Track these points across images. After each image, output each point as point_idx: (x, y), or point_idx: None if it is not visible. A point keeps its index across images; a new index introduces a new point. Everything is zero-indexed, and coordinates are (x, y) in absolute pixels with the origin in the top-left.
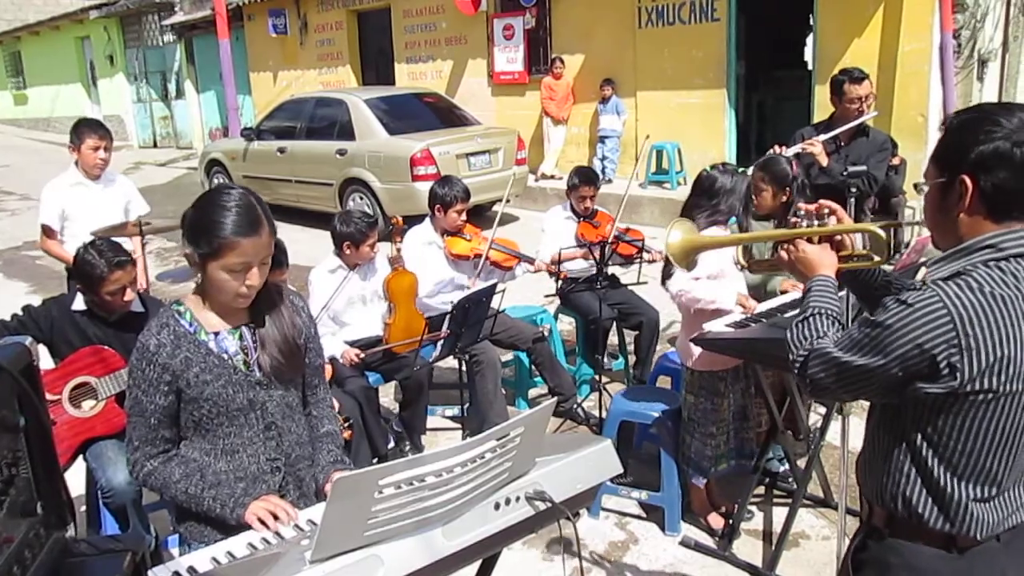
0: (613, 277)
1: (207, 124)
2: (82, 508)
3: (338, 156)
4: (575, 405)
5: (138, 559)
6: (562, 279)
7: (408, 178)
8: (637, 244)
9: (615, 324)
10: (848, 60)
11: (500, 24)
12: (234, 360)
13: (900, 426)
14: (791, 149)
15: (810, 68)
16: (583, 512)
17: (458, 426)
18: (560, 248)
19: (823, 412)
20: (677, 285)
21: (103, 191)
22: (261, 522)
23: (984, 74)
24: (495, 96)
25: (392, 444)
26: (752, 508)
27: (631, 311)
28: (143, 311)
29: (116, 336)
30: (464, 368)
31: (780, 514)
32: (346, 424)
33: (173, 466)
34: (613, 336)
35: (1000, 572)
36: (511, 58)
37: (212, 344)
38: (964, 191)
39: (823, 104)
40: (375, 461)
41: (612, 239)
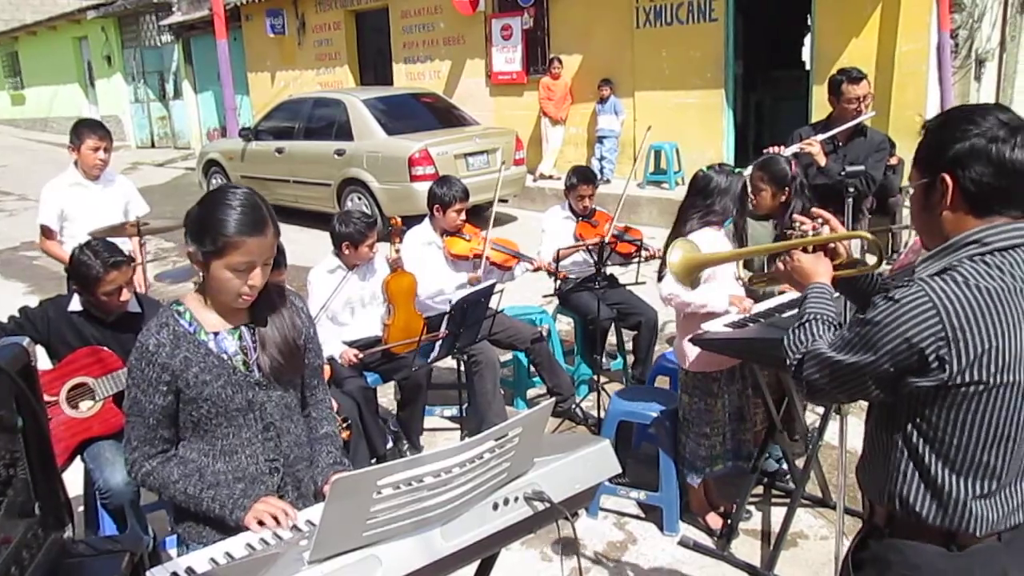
0: (611, 277)
1: (205, 124)
2: (80, 509)
3: (336, 156)
4: (573, 405)
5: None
6: (561, 279)
7: (406, 178)
8: (636, 243)
9: (613, 324)
10: (846, 60)
11: (498, 24)
12: (233, 360)
13: (897, 424)
14: (789, 149)
15: (808, 68)
16: (582, 512)
17: (457, 426)
18: (558, 248)
19: (821, 412)
20: (667, 289)
21: (102, 191)
22: (261, 524)
23: (981, 74)
24: (493, 96)
25: (391, 444)
26: (750, 508)
27: (629, 311)
28: (140, 311)
29: (113, 336)
30: (463, 368)
31: (778, 514)
32: (344, 424)
33: (172, 466)
34: (612, 336)
35: (1001, 571)
36: (509, 58)
37: (212, 344)
38: (945, 189)
39: (821, 104)
40: (373, 461)
41: (611, 237)
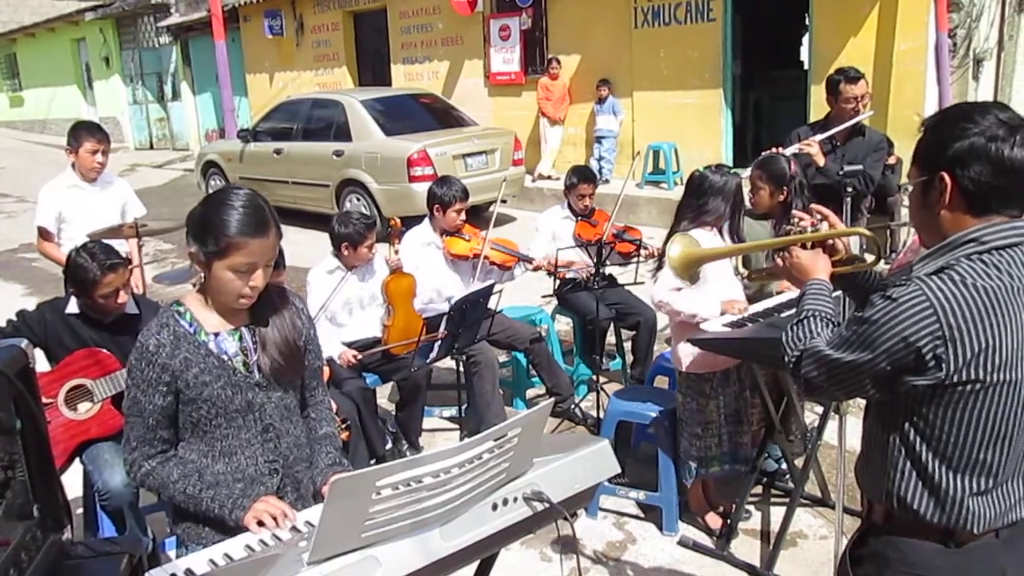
0: (610, 277)
1: (203, 126)
2: (79, 511)
3: (335, 157)
4: (573, 405)
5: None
6: (560, 279)
7: (405, 179)
8: (635, 242)
9: (612, 324)
10: (844, 60)
11: (496, 25)
12: (233, 361)
13: (894, 422)
14: (788, 149)
15: (806, 68)
16: (581, 512)
17: (456, 427)
18: (557, 248)
19: (820, 412)
20: (658, 296)
21: (100, 193)
22: (260, 524)
23: (979, 73)
24: (491, 97)
25: (390, 445)
26: (750, 508)
27: (628, 311)
28: (138, 313)
29: (111, 338)
30: (462, 369)
31: (778, 513)
32: (344, 425)
33: (171, 466)
34: (611, 336)
35: (999, 568)
36: (507, 59)
37: (212, 345)
38: (944, 188)
39: (819, 104)
40: (373, 462)
41: (609, 236)
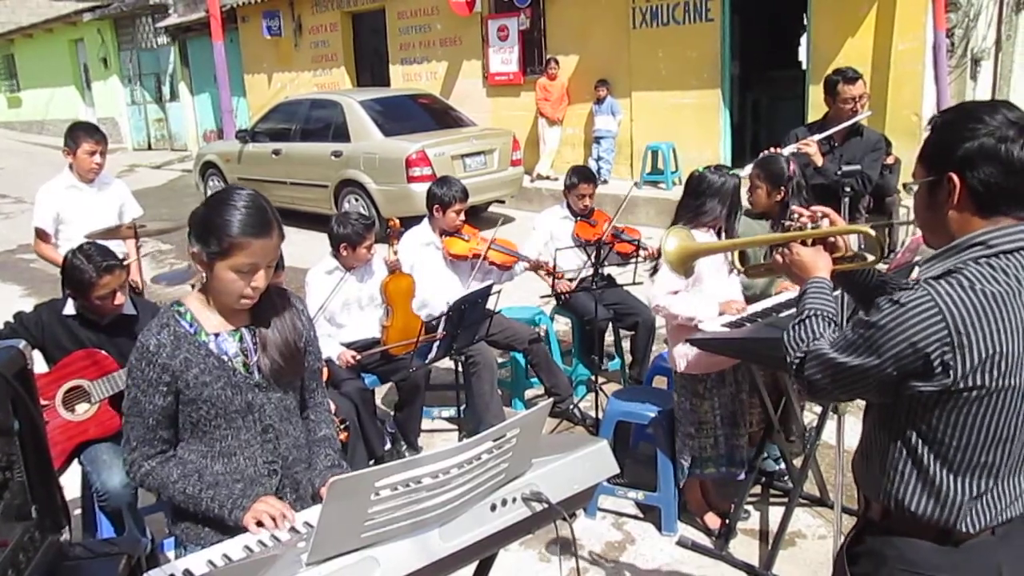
0: (609, 277)
1: (202, 126)
2: (77, 512)
3: (333, 158)
4: (571, 406)
5: (134, 562)
6: (559, 279)
7: (403, 179)
8: (634, 242)
9: (611, 324)
10: (842, 60)
11: (494, 25)
12: (233, 362)
13: (896, 424)
14: (786, 149)
15: (804, 68)
16: (580, 513)
17: (454, 427)
18: (556, 249)
19: (819, 412)
20: (656, 299)
21: (97, 194)
22: (260, 524)
23: (977, 73)
24: (490, 97)
25: (389, 446)
26: (748, 508)
27: (627, 311)
28: (135, 314)
29: (108, 339)
30: (460, 369)
31: (776, 513)
32: (342, 426)
33: (171, 467)
34: (609, 336)
35: (995, 565)
36: (506, 59)
37: (212, 345)
38: (952, 189)
39: (817, 104)
40: (372, 463)
41: (608, 236)
